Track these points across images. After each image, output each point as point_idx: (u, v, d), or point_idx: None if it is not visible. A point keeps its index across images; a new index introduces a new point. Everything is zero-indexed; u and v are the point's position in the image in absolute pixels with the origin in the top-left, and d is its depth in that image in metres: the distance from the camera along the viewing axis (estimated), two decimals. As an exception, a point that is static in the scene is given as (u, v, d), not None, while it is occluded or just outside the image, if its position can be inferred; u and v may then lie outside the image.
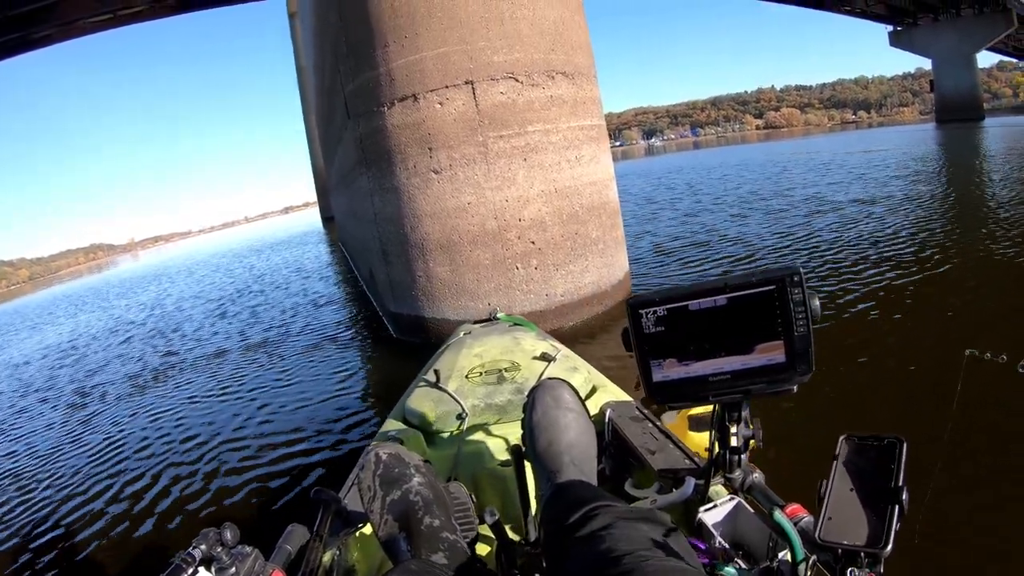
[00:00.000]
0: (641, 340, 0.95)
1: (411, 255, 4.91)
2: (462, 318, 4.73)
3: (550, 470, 1.15)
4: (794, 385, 0.89)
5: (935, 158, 14.95)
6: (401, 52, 4.63)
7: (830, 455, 0.83)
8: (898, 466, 0.76)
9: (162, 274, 24.13)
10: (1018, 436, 2.41)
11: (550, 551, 0.99)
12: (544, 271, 4.73)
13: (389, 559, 1.06)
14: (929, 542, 1.71)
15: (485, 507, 1.08)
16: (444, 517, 1.06)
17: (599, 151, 5.21)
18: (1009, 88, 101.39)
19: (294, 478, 3.23)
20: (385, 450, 1.14)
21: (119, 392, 6.07)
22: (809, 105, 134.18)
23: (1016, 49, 46.13)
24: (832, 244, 6.34)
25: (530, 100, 4.67)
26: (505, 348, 2.07)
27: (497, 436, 1.71)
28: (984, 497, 2.06)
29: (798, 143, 36.00)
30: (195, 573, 0.86)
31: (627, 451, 1.46)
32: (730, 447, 1.01)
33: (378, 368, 5.08)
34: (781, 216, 8.65)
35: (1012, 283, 4.47)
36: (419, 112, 4.64)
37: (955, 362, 1.60)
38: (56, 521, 3.32)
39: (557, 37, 4.87)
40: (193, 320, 9.65)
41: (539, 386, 1.33)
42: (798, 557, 0.82)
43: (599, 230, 5.04)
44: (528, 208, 4.65)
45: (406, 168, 4.76)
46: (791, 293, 0.84)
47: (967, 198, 8.44)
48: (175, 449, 4.03)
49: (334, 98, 7.16)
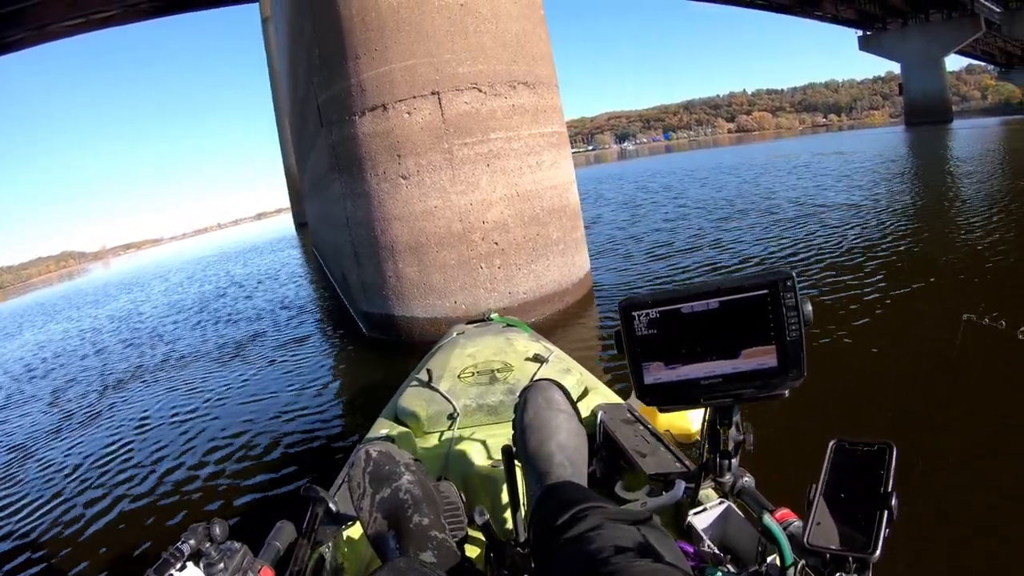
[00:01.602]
0: (633, 342, 0.94)
1: (381, 257, 5.16)
2: (430, 316, 5.01)
3: (540, 471, 1.15)
4: (786, 390, 0.89)
5: (903, 159, 15.73)
6: (371, 64, 4.88)
7: (820, 460, 0.83)
8: (887, 471, 0.77)
9: (134, 283, 23.64)
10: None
11: (539, 552, 0.99)
12: (507, 270, 5.01)
13: (378, 557, 1.07)
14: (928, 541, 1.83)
15: (475, 507, 1.09)
16: (434, 516, 1.07)
17: (560, 157, 5.51)
18: (978, 91, 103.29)
19: (275, 471, 3.33)
20: (375, 448, 1.15)
21: (106, 390, 6.18)
22: (781, 109, 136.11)
23: (984, 53, 46.87)
24: (821, 247, 6.44)
25: (493, 109, 4.95)
26: (498, 349, 2.08)
27: (488, 436, 1.72)
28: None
29: (771, 146, 36.61)
30: (183, 568, 0.87)
31: (618, 453, 1.47)
32: (720, 451, 1.02)
33: (351, 365, 5.30)
34: (771, 219, 8.71)
35: (994, 276, 4.65)
36: (388, 121, 4.89)
37: (944, 366, 1.81)
38: (42, 519, 3.36)
39: (519, 49, 5.16)
40: (170, 325, 9.72)
41: (531, 387, 1.32)
42: (787, 561, 0.84)
43: (559, 231, 5.34)
44: (491, 211, 4.93)
45: (376, 174, 5.01)
46: (783, 297, 0.84)
47: (936, 197, 8.89)
48: (162, 447, 4.11)
49: (308, 106, 7.37)
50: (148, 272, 28.12)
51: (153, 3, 21.39)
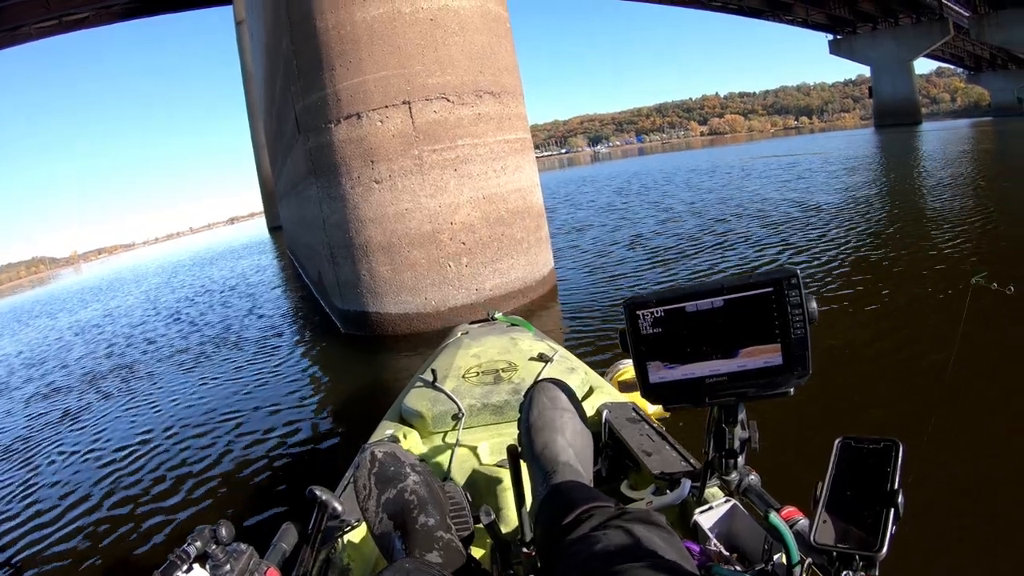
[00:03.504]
0: (638, 341, 0.95)
1: (356, 257, 5.48)
2: (402, 312, 5.34)
3: (546, 470, 1.14)
4: (791, 388, 0.89)
5: (874, 159, 16.69)
6: (347, 75, 5.21)
7: (826, 458, 0.82)
8: (894, 469, 0.76)
9: (107, 288, 23.27)
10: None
11: (544, 551, 0.99)
12: (474, 268, 5.37)
13: (384, 558, 1.07)
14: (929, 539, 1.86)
15: (480, 507, 1.09)
16: (439, 516, 1.06)
17: (523, 161, 5.89)
18: (948, 93, 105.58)
19: (263, 466, 3.43)
20: (381, 449, 1.14)
21: (101, 390, 6.28)
22: (753, 111, 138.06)
23: (954, 56, 47.55)
24: (814, 244, 6.64)
25: (460, 117, 5.30)
26: (502, 348, 2.08)
27: (493, 436, 1.71)
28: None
29: (744, 148, 37.07)
30: (190, 570, 0.87)
31: (623, 452, 1.47)
32: (726, 449, 1.02)
33: (329, 360, 5.59)
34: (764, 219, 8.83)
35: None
36: (362, 129, 5.22)
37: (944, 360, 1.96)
38: (47, 522, 3.36)
39: (485, 61, 5.52)
40: (150, 327, 9.86)
41: (536, 386, 1.31)
42: (793, 559, 0.84)
43: (523, 231, 5.72)
44: (459, 213, 5.28)
45: (351, 178, 5.33)
46: (788, 295, 0.85)
47: (906, 195, 9.47)
48: (163, 449, 4.13)
49: (284, 113, 7.65)
50: (124, 278, 27.61)
51: (126, 5, 21.38)
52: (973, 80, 55.95)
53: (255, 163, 32.96)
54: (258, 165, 32.25)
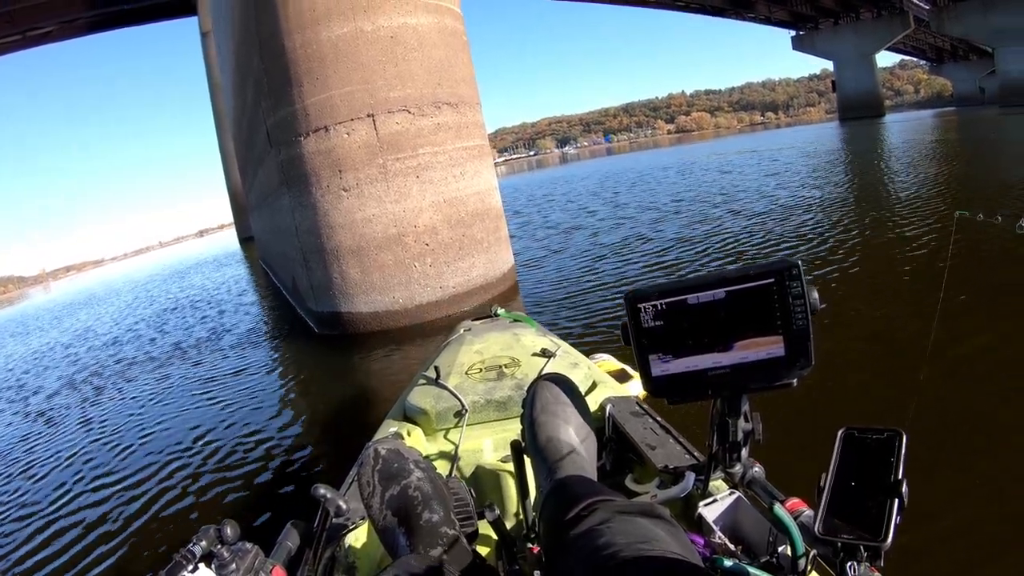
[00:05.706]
0: (640, 334, 0.95)
1: (328, 260, 5.85)
2: (372, 310, 5.74)
3: (550, 465, 1.13)
4: (794, 379, 0.89)
5: (838, 150, 17.64)
6: (314, 91, 5.59)
7: (830, 449, 0.82)
8: (898, 459, 0.76)
9: (81, 304, 22.90)
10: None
11: (549, 546, 0.99)
12: (437, 268, 5.78)
13: (388, 554, 1.07)
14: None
15: (485, 502, 1.10)
16: (443, 512, 1.05)
17: (482, 167, 6.32)
18: (911, 85, 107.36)
19: (263, 466, 3.52)
20: (384, 446, 1.14)
21: (102, 394, 6.43)
22: (719, 108, 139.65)
23: (916, 49, 48.47)
24: (807, 235, 6.71)
25: (421, 128, 5.71)
26: (505, 344, 2.07)
27: (497, 432, 1.72)
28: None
29: (711, 145, 37.61)
30: (195, 570, 0.87)
31: (627, 446, 1.47)
32: (730, 442, 1.01)
33: (305, 359, 5.96)
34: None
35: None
36: (330, 141, 5.61)
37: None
38: (52, 521, 3.42)
39: (443, 73, 5.93)
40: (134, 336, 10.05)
41: (539, 381, 1.30)
42: (798, 551, 0.84)
43: (483, 232, 6.15)
44: (422, 217, 5.69)
45: (321, 187, 5.71)
46: (789, 286, 0.84)
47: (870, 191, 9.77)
48: (164, 451, 4.19)
49: (255, 126, 7.98)
50: (96, 294, 27.05)
51: (90, 19, 21.36)
52: (936, 72, 56.97)
53: (223, 172, 31.86)
54: (227, 174, 31.28)
